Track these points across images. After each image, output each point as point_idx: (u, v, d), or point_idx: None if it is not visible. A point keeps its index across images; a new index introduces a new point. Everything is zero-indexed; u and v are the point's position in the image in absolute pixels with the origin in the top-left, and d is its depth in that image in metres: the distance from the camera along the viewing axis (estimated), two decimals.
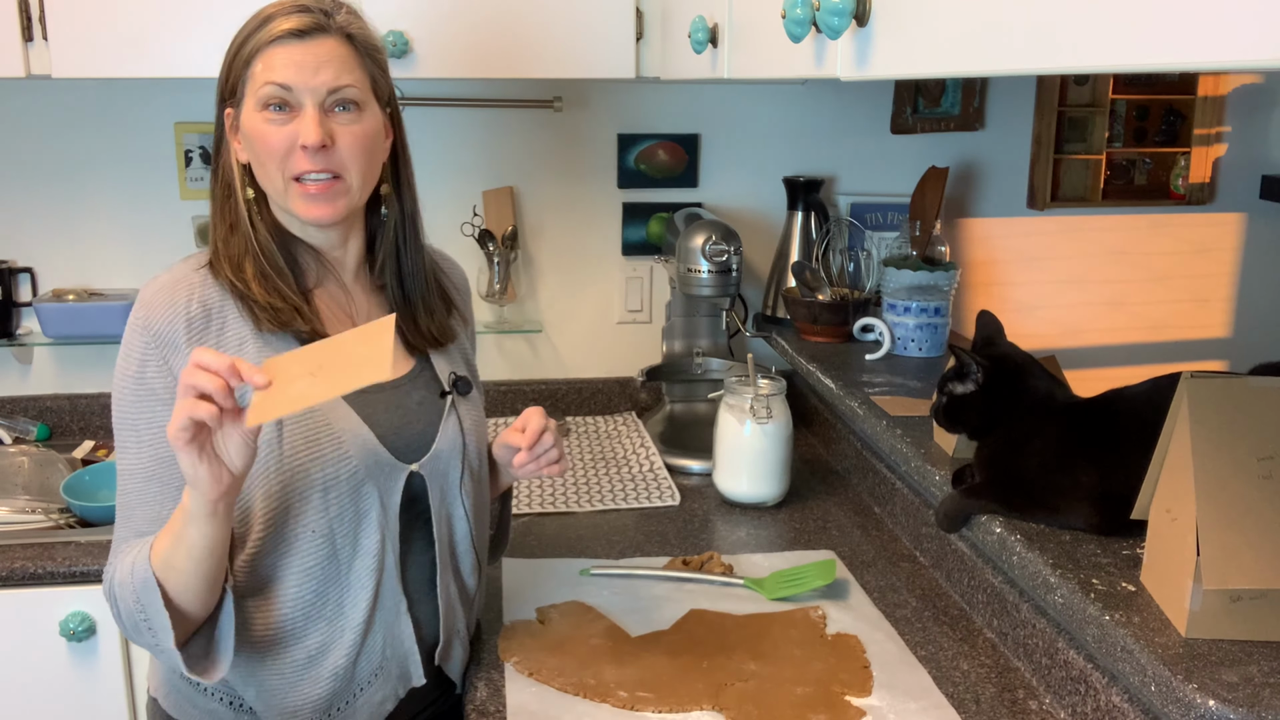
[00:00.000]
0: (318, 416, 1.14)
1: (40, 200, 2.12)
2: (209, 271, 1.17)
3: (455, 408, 1.26)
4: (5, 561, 1.64)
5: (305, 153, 1.12)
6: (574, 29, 1.82)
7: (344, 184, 1.15)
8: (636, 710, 1.21)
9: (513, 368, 2.32)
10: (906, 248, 2.16)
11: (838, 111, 2.30)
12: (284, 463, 1.12)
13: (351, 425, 1.15)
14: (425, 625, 1.25)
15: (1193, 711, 0.94)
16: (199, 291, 1.15)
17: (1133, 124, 2.44)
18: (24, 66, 1.71)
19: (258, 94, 1.12)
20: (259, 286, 1.15)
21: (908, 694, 1.25)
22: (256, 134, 1.13)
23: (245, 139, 1.15)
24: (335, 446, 1.14)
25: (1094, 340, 2.51)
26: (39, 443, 2.09)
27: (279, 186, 1.14)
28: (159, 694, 1.25)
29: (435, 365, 1.27)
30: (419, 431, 1.22)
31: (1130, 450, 1.17)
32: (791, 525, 1.74)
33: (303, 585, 1.15)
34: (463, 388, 1.27)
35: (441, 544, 1.24)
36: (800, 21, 0.99)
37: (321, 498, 1.13)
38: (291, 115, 1.12)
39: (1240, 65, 0.53)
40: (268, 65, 1.12)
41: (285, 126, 1.12)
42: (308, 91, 1.12)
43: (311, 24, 1.12)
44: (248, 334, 1.14)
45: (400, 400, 1.22)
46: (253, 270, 1.15)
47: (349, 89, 1.14)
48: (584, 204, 2.27)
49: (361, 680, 1.21)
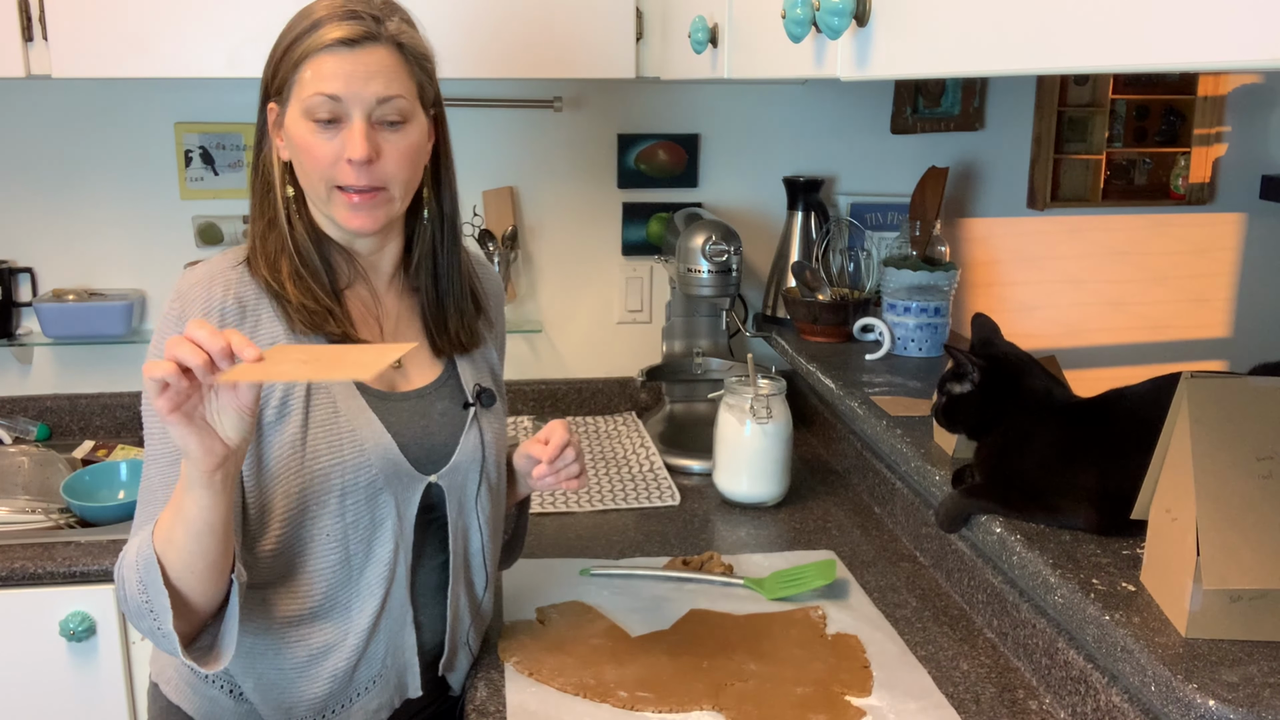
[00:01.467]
0: (342, 421, 1.13)
1: (40, 200, 2.12)
2: (246, 268, 1.16)
3: (478, 420, 1.25)
4: (5, 561, 1.64)
5: (350, 166, 1.10)
6: (574, 29, 1.82)
7: (387, 194, 1.14)
8: (636, 710, 1.21)
9: (513, 368, 2.32)
10: (906, 248, 2.16)
11: (838, 111, 2.30)
12: (305, 464, 1.11)
13: (375, 432, 1.15)
14: (429, 635, 1.25)
15: (1193, 711, 0.94)
16: (235, 288, 1.14)
17: (1133, 124, 2.44)
18: (24, 66, 1.71)
19: (305, 102, 1.10)
20: (293, 286, 1.14)
21: (908, 694, 1.25)
22: (301, 142, 1.12)
23: (289, 141, 1.14)
24: (357, 453, 1.13)
25: (1094, 340, 2.51)
26: (39, 443, 2.09)
27: (321, 194, 1.13)
28: (160, 679, 1.26)
29: (461, 375, 1.26)
30: (441, 442, 1.21)
31: (1130, 450, 1.17)
32: (791, 525, 1.74)
33: (313, 585, 1.15)
34: (486, 400, 1.26)
35: (456, 556, 1.24)
36: (800, 21, 0.99)
37: (339, 503, 1.13)
38: (338, 127, 1.11)
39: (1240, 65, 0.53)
40: (317, 74, 1.10)
41: (332, 139, 1.11)
42: (357, 102, 1.10)
43: (362, 33, 1.10)
44: (280, 333, 1.13)
45: (424, 409, 1.21)
46: (288, 269, 1.15)
47: (398, 100, 1.12)
48: (584, 204, 2.27)
49: (359, 686, 1.21)
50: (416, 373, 1.23)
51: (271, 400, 1.11)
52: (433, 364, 1.25)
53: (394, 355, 0.96)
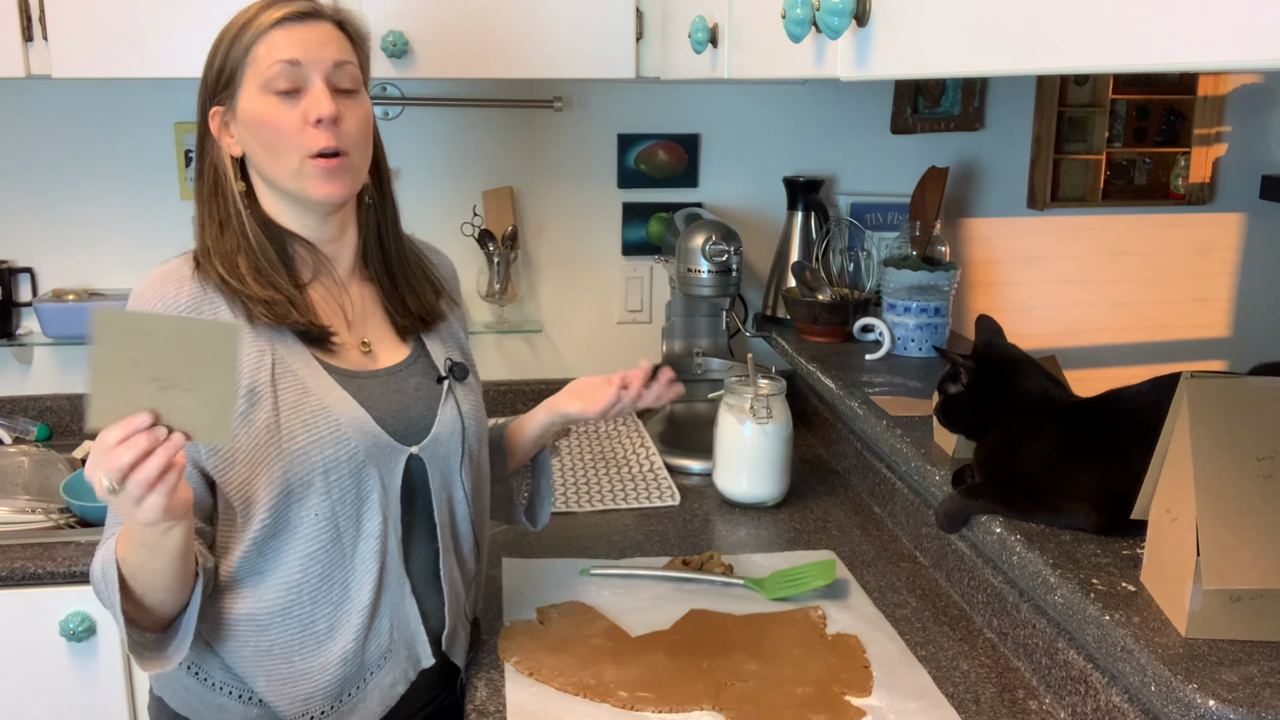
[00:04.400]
0: (313, 400, 1.15)
1: (40, 200, 2.12)
2: (196, 268, 1.18)
3: (453, 392, 1.28)
4: (5, 561, 1.64)
5: (320, 126, 1.13)
6: (574, 29, 1.82)
7: (350, 160, 1.17)
8: (636, 710, 1.21)
9: (513, 368, 2.32)
10: (906, 248, 2.16)
11: (838, 111, 2.30)
12: (283, 446, 1.12)
13: (349, 409, 1.17)
14: (429, 607, 1.26)
15: (1193, 711, 0.94)
16: (188, 284, 1.16)
17: (1133, 124, 2.44)
18: (24, 66, 1.71)
19: (263, 76, 1.13)
20: (254, 281, 1.15)
21: (908, 694, 1.25)
22: (264, 118, 1.14)
23: (246, 127, 1.16)
24: (333, 429, 1.15)
25: (1094, 340, 2.51)
26: (39, 443, 2.09)
27: (292, 168, 1.15)
28: (165, 693, 1.25)
29: (431, 352, 1.29)
30: (418, 415, 1.24)
31: (1130, 450, 1.17)
32: (791, 525, 1.74)
33: (308, 569, 1.16)
34: (459, 373, 1.29)
35: (443, 527, 1.25)
36: (800, 21, 0.99)
37: (323, 480, 1.14)
38: (299, 97, 1.14)
39: (1240, 65, 0.53)
40: (272, 46, 1.13)
41: (294, 107, 1.14)
42: (316, 66, 1.14)
43: (308, 9, 1.17)
44: (239, 327, 1.14)
45: (398, 385, 1.23)
46: (246, 265, 1.16)
47: (350, 66, 1.17)
48: (584, 204, 2.27)
49: (371, 664, 1.22)
50: (385, 354, 1.25)
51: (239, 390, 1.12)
52: (400, 346, 1.27)
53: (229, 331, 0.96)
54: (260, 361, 1.14)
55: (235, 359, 0.96)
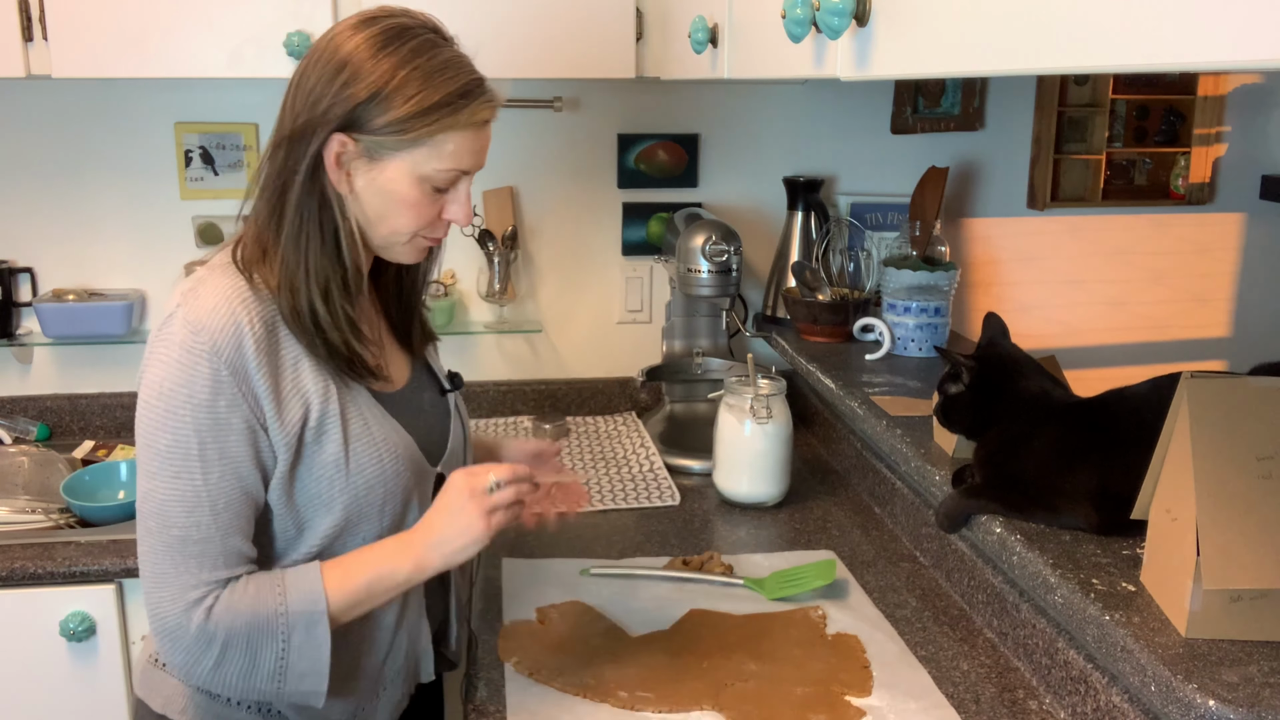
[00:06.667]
0: (375, 430, 1.13)
1: (40, 200, 2.12)
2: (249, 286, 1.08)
3: (455, 402, 1.30)
4: (5, 561, 1.64)
5: (443, 223, 1.15)
6: (574, 29, 1.82)
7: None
8: (636, 710, 1.21)
9: (513, 368, 2.32)
10: (906, 248, 2.16)
11: (838, 111, 2.30)
12: (351, 479, 1.11)
13: (402, 438, 1.16)
14: (435, 619, 1.27)
15: (1193, 711, 0.94)
16: (255, 307, 1.07)
17: (1133, 124, 2.44)
18: (24, 66, 1.71)
19: (432, 168, 1.08)
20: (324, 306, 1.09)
21: (908, 694, 1.25)
22: (408, 202, 1.10)
23: (380, 194, 1.09)
24: (394, 461, 1.14)
25: (1094, 340, 2.51)
26: (39, 443, 2.09)
27: (401, 240, 1.13)
28: (170, 709, 1.18)
29: (431, 364, 1.30)
30: (438, 432, 1.25)
31: (1130, 450, 1.17)
32: (791, 525, 1.74)
33: None
34: (458, 381, 1.30)
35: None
36: (800, 21, 0.99)
37: (378, 511, 1.14)
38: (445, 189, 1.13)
39: (1240, 65, 0.53)
40: (460, 148, 1.09)
41: (439, 199, 1.12)
42: (474, 171, 1.14)
43: (496, 114, 1.13)
44: (300, 352, 1.10)
45: (417, 404, 1.23)
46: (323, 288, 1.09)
47: None
48: (584, 204, 2.27)
49: (385, 681, 1.23)
50: (397, 371, 1.24)
51: (309, 421, 1.08)
52: (403, 360, 1.26)
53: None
54: (327, 392, 1.10)
55: None
